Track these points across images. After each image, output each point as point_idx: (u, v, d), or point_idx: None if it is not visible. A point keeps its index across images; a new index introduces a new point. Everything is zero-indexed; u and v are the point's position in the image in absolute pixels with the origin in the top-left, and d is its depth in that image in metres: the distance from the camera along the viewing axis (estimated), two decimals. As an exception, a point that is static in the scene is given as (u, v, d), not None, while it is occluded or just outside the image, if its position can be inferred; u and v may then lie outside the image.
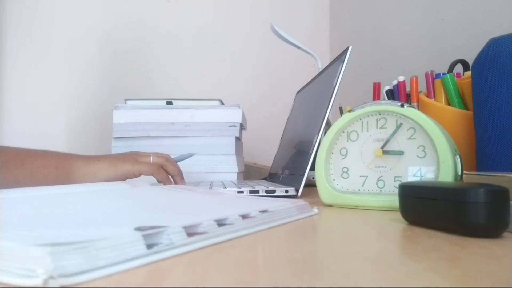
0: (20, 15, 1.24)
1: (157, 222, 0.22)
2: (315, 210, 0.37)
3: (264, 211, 0.30)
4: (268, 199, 0.40)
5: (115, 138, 0.84)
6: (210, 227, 0.24)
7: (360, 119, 0.42)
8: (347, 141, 0.43)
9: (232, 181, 0.78)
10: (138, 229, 0.21)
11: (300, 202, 0.37)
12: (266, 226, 0.29)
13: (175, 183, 0.61)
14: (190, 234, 0.23)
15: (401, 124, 0.40)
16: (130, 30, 1.32)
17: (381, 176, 0.41)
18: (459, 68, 0.68)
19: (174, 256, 0.20)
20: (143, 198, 0.38)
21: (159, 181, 0.60)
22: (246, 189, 0.54)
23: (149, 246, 0.20)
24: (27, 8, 1.25)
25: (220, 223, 0.25)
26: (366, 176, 0.41)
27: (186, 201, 0.37)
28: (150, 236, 0.20)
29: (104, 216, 0.27)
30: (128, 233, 0.20)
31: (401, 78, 0.74)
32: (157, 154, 0.62)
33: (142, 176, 0.59)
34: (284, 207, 0.33)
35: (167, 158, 0.62)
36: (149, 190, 0.44)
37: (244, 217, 0.28)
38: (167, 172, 0.61)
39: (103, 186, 0.45)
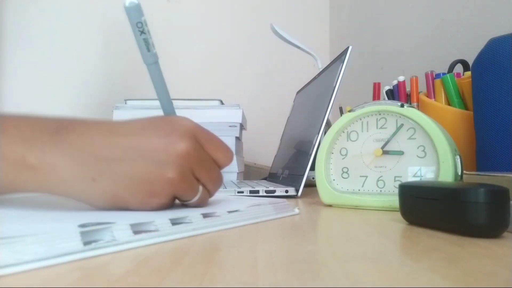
0: (20, 15, 1.24)
1: (107, 219, 0.23)
2: (296, 210, 0.37)
3: (233, 211, 0.31)
4: (255, 198, 0.41)
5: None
6: (162, 225, 0.25)
7: (360, 119, 0.42)
8: (347, 141, 0.43)
9: (232, 181, 0.78)
10: (83, 225, 0.21)
11: (280, 201, 0.37)
12: (232, 225, 0.29)
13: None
14: (139, 232, 0.23)
15: (402, 124, 0.40)
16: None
17: (381, 176, 0.41)
18: (459, 68, 0.68)
19: (116, 252, 0.21)
20: None
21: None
22: (246, 189, 0.54)
23: (88, 243, 0.20)
24: (27, 8, 1.25)
25: (175, 222, 0.26)
26: (366, 176, 0.41)
27: None
28: (91, 233, 0.21)
29: (62, 213, 0.28)
30: (64, 229, 0.20)
31: (401, 78, 0.74)
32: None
33: None
34: (258, 207, 0.34)
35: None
36: None
37: (206, 216, 0.28)
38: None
39: None
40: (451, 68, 0.67)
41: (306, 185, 0.54)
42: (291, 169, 0.66)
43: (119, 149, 0.28)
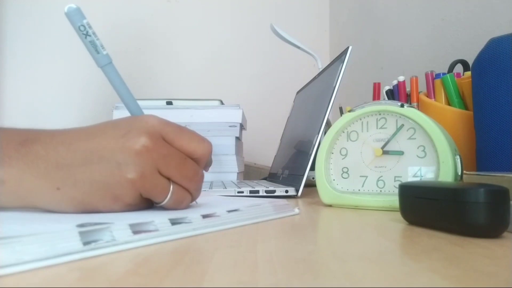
0: (20, 15, 1.24)
1: (106, 220, 0.23)
2: (296, 210, 0.37)
3: (232, 211, 0.31)
4: (255, 198, 0.41)
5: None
6: (162, 225, 0.25)
7: (360, 119, 0.42)
8: (347, 141, 0.43)
9: (232, 181, 0.78)
10: (81, 225, 0.21)
11: (280, 201, 0.37)
12: (232, 225, 0.29)
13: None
14: (138, 232, 0.23)
15: (402, 124, 0.40)
16: (130, 30, 1.32)
17: (381, 176, 0.41)
18: (459, 68, 0.68)
19: (116, 252, 0.21)
20: None
21: None
22: (246, 189, 0.54)
23: (88, 243, 0.20)
24: (27, 8, 1.25)
25: (175, 222, 0.26)
26: (366, 176, 0.41)
27: None
28: (90, 233, 0.21)
29: (62, 213, 0.28)
30: (63, 229, 0.20)
31: (401, 78, 0.74)
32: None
33: None
34: (258, 207, 0.34)
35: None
36: None
37: (205, 216, 0.28)
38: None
39: None
40: (451, 68, 0.67)
41: (306, 185, 0.54)
42: (291, 169, 0.66)
43: (79, 154, 0.28)
